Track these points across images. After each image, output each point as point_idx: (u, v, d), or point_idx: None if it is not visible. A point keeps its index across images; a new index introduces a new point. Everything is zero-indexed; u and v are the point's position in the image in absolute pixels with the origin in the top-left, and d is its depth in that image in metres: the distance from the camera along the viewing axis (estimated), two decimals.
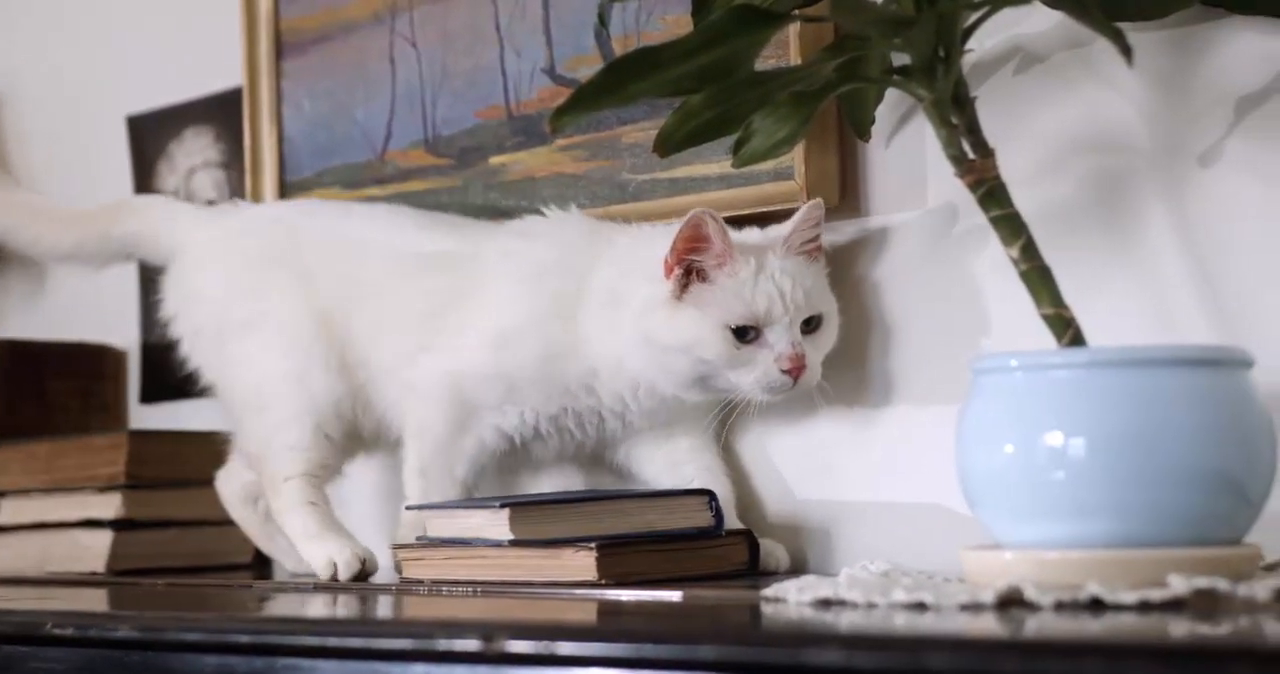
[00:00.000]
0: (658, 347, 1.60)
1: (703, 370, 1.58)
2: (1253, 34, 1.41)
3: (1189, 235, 1.45)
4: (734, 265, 1.57)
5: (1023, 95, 1.53)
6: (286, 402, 1.80)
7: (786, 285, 1.57)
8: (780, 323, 1.56)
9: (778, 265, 1.58)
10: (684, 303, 1.58)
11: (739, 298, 1.56)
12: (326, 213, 1.93)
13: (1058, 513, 1.23)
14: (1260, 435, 1.24)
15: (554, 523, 1.60)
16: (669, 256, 1.57)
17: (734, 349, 1.57)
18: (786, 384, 1.56)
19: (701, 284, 1.57)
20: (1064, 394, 1.24)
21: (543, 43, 1.88)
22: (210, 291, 1.88)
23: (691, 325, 1.57)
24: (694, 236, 1.56)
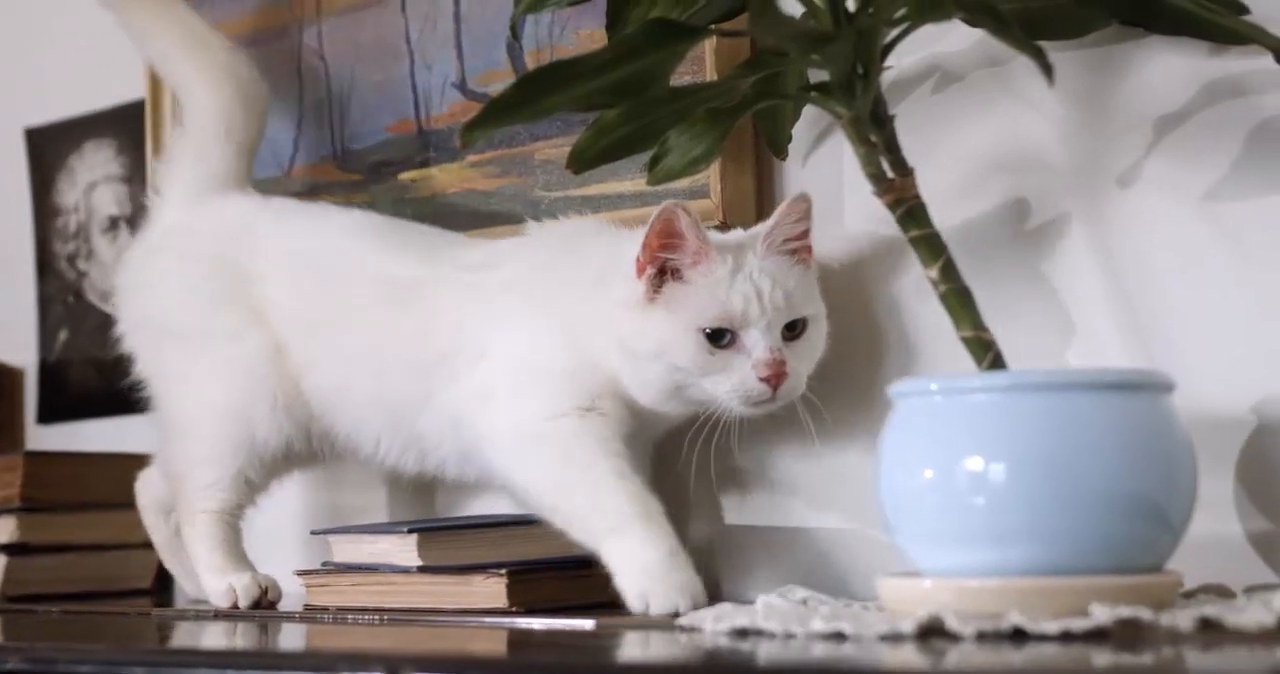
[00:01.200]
0: (629, 353, 1.48)
1: (677, 379, 1.46)
2: (1171, 54, 1.40)
3: (1108, 256, 1.43)
4: (710, 264, 1.45)
5: (941, 114, 1.52)
6: (217, 441, 1.71)
7: (765, 285, 1.45)
8: (758, 326, 1.44)
9: (756, 264, 1.46)
10: (656, 304, 1.46)
11: (713, 298, 1.44)
12: (298, 219, 1.80)
13: (978, 539, 1.21)
14: (1181, 460, 1.22)
15: (463, 548, 1.57)
16: (640, 254, 1.46)
17: (707, 354, 1.45)
18: (765, 394, 1.44)
19: (676, 284, 1.46)
20: (984, 418, 1.22)
21: (454, 56, 1.85)
22: (161, 288, 1.79)
23: (662, 328, 1.46)
24: (666, 231, 1.45)
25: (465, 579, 1.53)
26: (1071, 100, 1.45)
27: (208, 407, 1.72)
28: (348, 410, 1.68)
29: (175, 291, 1.77)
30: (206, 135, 1.85)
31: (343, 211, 1.80)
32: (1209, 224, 1.39)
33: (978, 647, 1.10)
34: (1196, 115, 1.39)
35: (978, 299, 1.30)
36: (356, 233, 1.73)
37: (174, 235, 1.81)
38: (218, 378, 1.72)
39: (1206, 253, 1.39)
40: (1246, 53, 1.35)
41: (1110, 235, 1.43)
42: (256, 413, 1.70)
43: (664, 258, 1.45)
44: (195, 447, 1.73)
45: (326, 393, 1.69)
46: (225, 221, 1.80)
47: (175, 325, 1.76)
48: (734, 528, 1.65)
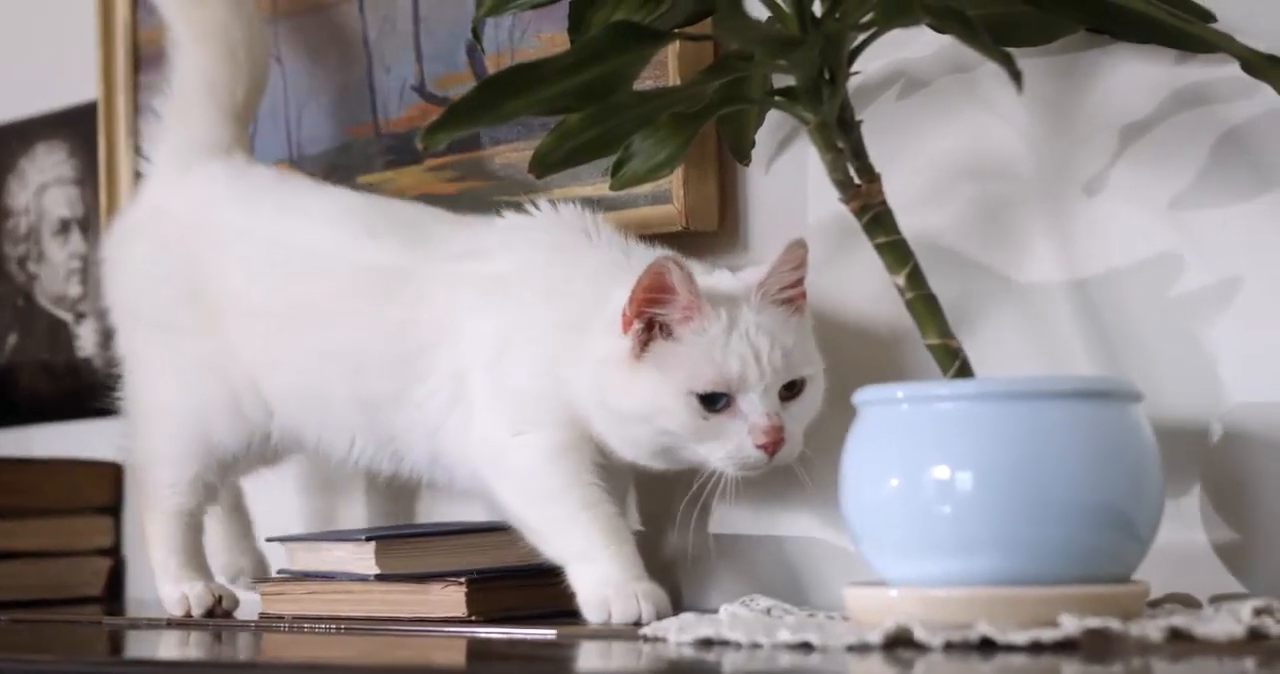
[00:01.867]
0: (614, 413, 1.40)
1: (665, 442, 1.39)
2: (1137, 61, 1.40)
3: (1075, 264, 1.43)
4: (702, 320, 1.36)
5: (906, 120, 1.51)
6: (175, 441, 1.67)
7: (763, 345, 1.36)
8: (755, 389, 1.36)
9: (753, 320, 1.37)
10: (644, 363, 1.38)
11: (708, 359, 1.36)
12: (270, 201, 1.68)
13: (944, 549, 1.20)
14: (1148, 469, 1.22)
15: (422, 557, 1.55)
16: (627, 308, 1.38)
17: (701, 419, 1.36)
18: (761, 461, 1.36)
19: (665, 341, 1.37)
20: (950, 427, 1.21)
21: (413, 59, 1.83)
22: (132, 275, 1.73)
23: (652, 390, 1.37)
24: (655, 286, 1.36)
25: (423, 588, 1.51)
26: (1038, 107, 1.44)
27: (166, 405, 1.68)
28: (317, 411, 1.61)
29: (143, 280, 1.72)
30: (189, 97, 1.77)
31: (320, 193, 1.70)
32: (1175, 232, 1.38)
33: (945, 657, 1.09)
34: (1163, 123, 1.39)
35: (944, 306, 1.30)
36: (333, 217, 1.64)
37: (150, 218, 1.74)
38: (178, 375, 1.67)
39: (1173, 261, 1.38)
40: (1213, 61, 1.34)
41: (1076, 243, 1.43)
42: (214, 415, 1.65)
43: (652, 313, 1.37)
44: (156, 443, 1.69)
45: (294, 393, 1.62)
46: (196, 201, 1.70)
47: (143, 314, 1.72)
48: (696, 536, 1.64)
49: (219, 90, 1.76)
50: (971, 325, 1.41)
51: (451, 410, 1.52)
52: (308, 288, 1.61)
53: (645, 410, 1.38)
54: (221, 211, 1.69)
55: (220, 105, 1.75)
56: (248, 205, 1.69)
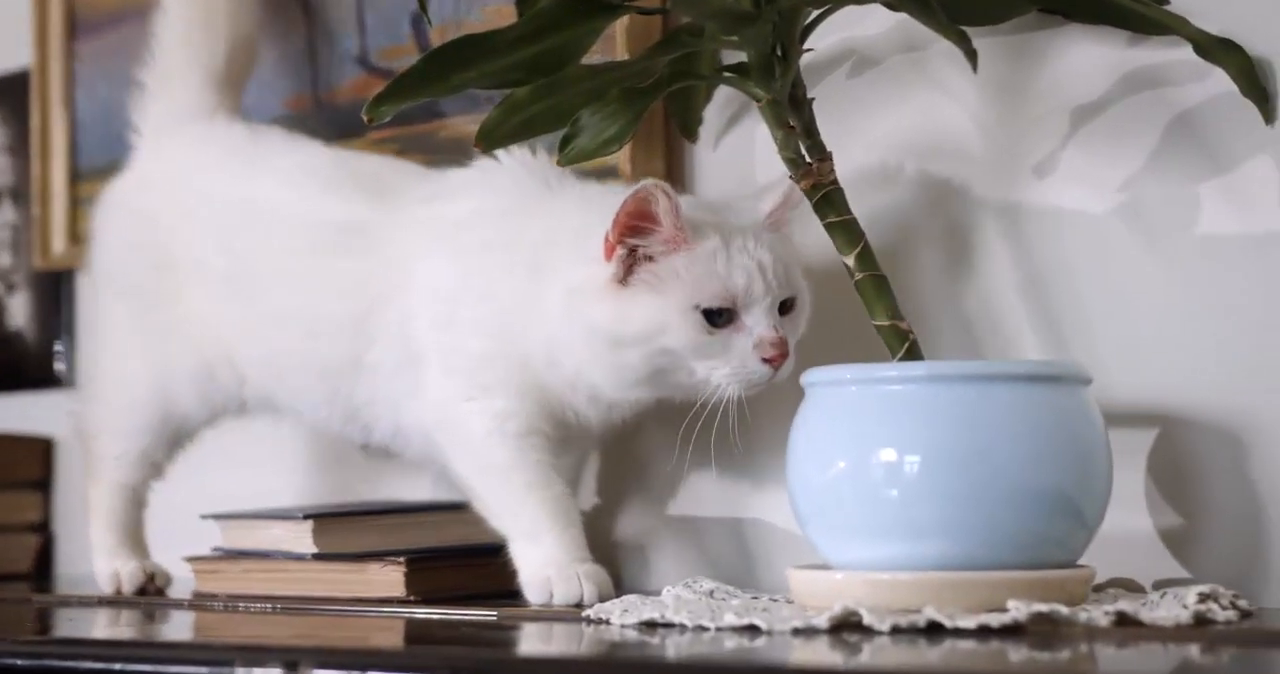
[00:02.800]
0: (603, 339, 1.34)
1: (661, 363, 1.34)
2: (1090, 42, 1.39)
3: (1024, 246, 1.42)
4: (691, 247, 1.32)
5: (857, 99, 1.49)
6: (130, 413, 1.65)
7: (767, 259, 1.33)
8: (761, 303, 1.33)
9: (754, 237, 1.34)
10: (635, 285, 1.33)
11: (711, 274, 1.32)
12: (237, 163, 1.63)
13: (891, 532, 1.19)
14: (1097, 454, 1.21)
15: (360, 535, 1.53)
16: (610, 233, 1.33)
17: (705, 335, 1.32)
18: (766, 375, 1.32)
19: (650, 264, 1.33)
20: (899, 409, 1.20)
21: (355, 31, 1.80)
22: (113, 240, 1.70)
23: (650, 310, 1.32)
24: (639, 213, 1.32)
25: (361, 567, 1.49)
26: (989, 88, 1.43)
27: (127, 376, 1.65)
28: (283, 379, 1.56)
29: (121, 250, 1.67)
30: (169, 63, 1.72)
31: (289, 150, 1.63)
32: (1124, 215, 1.38)
33: (892, 641, 1.08)
34: (1115, 105, 1.38)
35: (894, 288, 1.28)
36: (293, 174, 1.58)
37: (133, 187, 1.69)
38: (145, 347, 1.64)
39: (1122, 244, 1.38)
40: (1166, 43, 1.34)
41: (1026, 225, 1.42)
42: (182, 387, 1.62)
43: (634, 243, 1.33)
44: (110, 414, 1.67)
45: (261, 361, 1.57)
46: (168, 168, 1.67)
47: (116, 283, 1.68)
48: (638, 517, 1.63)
49: (199, 55, 1.71)
50: (921, 307, 1.40)
51: (403, 372, 1.47)
52: (266, 247, 1.56)
53: (644, 330, 1.33)
54: (189, 177, 1.64)
55: (202, 70, 1.71)
56: (214, 169, 1.64)
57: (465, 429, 1.44)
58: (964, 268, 1.45)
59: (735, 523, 1.56)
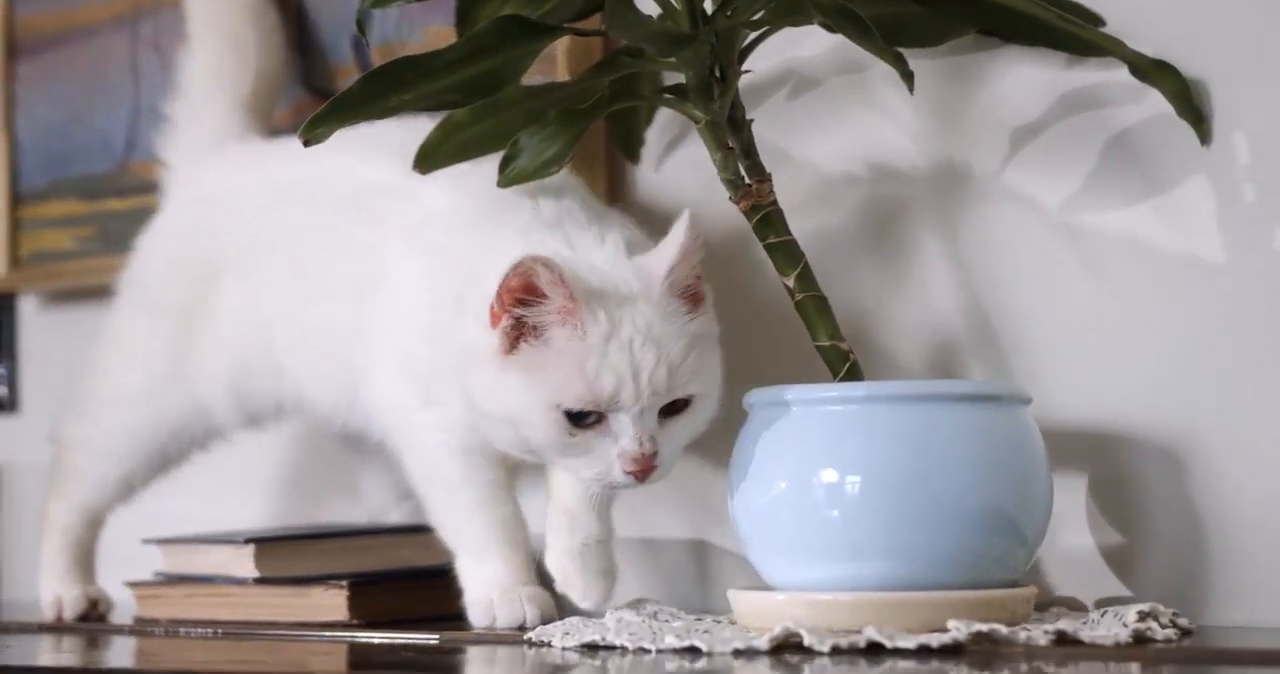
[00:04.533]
0: (476, 410, 1.29)
1: (531, 449, 1.28)
2: (1027, 64, 1.39)
3: (964, 267, 1.42)
4: (578, 325, 1.22)
5: (797, 121, 1.50)
6: (123, 434, 1.62)
7: (646, 359, 1.22)
8: (629, 411, 1.23)
9: (640, 326, 1.23)
10: (511, 363, 1.24)
11: (579, 372, 1.22)
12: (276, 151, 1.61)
13: (832, 553, 1.19)
14: (1037, 473, 1.22)
15: (303, 559, 1.52)
16: (494, 303, 1.24)
17: (567, 435, 1.23)
18: (630, 484, 1.25)
19: (535, 342, 1.24)
20: (839, 430, 1.20)
21: (296, 52, 1.79)
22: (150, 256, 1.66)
23: (516, 397, 1.24)
24: (522, 287, 1.23)
25: (304, 591, 1.48)
26: (928, 109, 1.44)
27: (128, 398, 1.62)
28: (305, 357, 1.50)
29: (159, 269, 1.63)
30: (198, 93, 1.71)
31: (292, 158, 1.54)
32: (1063, 235, 1.38)
33: (833, 662, 1.08)
34: (1053, 126, 1.39)
35: (835, 308, 1.29)
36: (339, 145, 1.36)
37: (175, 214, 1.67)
38: (164, 366, 1.59)
39: (1060, 264, 1.38)
40: (1103, 65, 1.35)
41: (966, 246, 1.42)
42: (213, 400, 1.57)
43: (521, 314, 1.24)
44: (99, 433, 1.64)
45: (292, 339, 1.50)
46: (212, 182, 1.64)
47: (149, 299, 1.63)
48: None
49: (230, 85, 1.70)
50: (862, 328, 1.40)
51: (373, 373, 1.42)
52: (306, 217, 1.51)
53: (507, 416, 1.25)
54: (233, 177, 1.62)
55: (232, 99, 1.70)
56: (257, 161, 1.62)
57: (417, 438, 1.40)
58: (905, 288, 1.45)
59: (686, 544, 1.56)
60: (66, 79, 1.98)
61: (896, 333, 1.44)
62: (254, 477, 1.86)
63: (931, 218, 1.44)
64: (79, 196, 1.96)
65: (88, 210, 1.95)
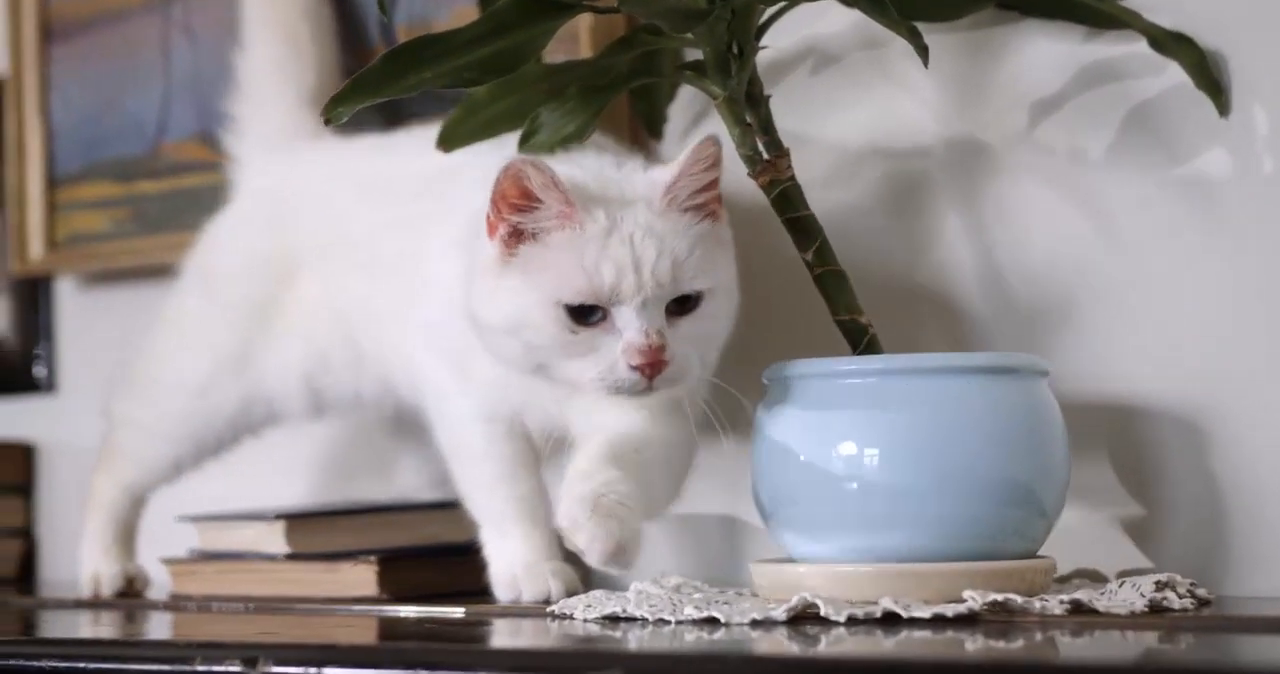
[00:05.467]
0: (480, 324, 1.26)
1: (537, 358, 1.24)
2: (1046, 37, 1.40)
3: (984, 241, 1.43)
4: (577, 225, 1.21)
5: (818, 96, 1.50)
6: (181, 418, 1.62)
7: (647, 252, 1.20)
8: (631, 303, 1.20)
9: (642, 223, 1.21)
10: (511, 268, 1.23)
11: (578, 266, 1.20)
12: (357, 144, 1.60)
13: (850, 525, 1.20)
14: (1055, 446, 1.22)
15: (332, 535, 1.54)
16: (490, 211, 1.23)
17: (569, 333, 1.21)
18: (637, 384, 1.20)
19: (533, 245, 1.23)
20: (858, 403, 1.21)
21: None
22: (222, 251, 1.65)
23: (516, 300, 1.22)
24: (515, 191, 1.22)
25: (334, 566, 1.50)
26: (948, 83, 1.44)
27: (189, 383, 1.61)
28: (381, 339, 1.50)
29: (235, 265, 1.63)
30: (261, 93, 1.71)
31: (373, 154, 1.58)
32: (1084, 208, 1.38)
33: (849, 632, 1.09)
34: (1072, 99, 1.39)
35: (854, 283, 1.29)
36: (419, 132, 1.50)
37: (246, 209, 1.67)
38: (232, 358, 1.60)
39: (1081, 237, 1.38)
40: (1121, 37, 1.35)
41: (986, 219, 1.43)
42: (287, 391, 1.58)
43: (516, 220, 1.23)
44: (155, 416, 1.64)
45: (372, 325, 1.51)
46: (289, 176, 1.64)
47: (222, 295, 1.62)
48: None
49: (291, 80, 1.70)
50: (882, 302, 1.41)
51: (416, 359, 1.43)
52: (384, 205, 1.51)
53: (509, 322, 1.23)
54: (313, 171, 1.62)
55: (295, 94, 1.70)
56: (337, 154, 1.62)
57: (447, 409, 1.41)
58: (924, 261, 1.45)
59: (716, 519, 1.57)
60: (99, 63, 2.00)
61: (917, 306, 1.45)
62: (291, 459, 1.88)
63: (951, 192, 1.44)
64: (113, 179, 1.98)
65: (122, 192, 1.97)
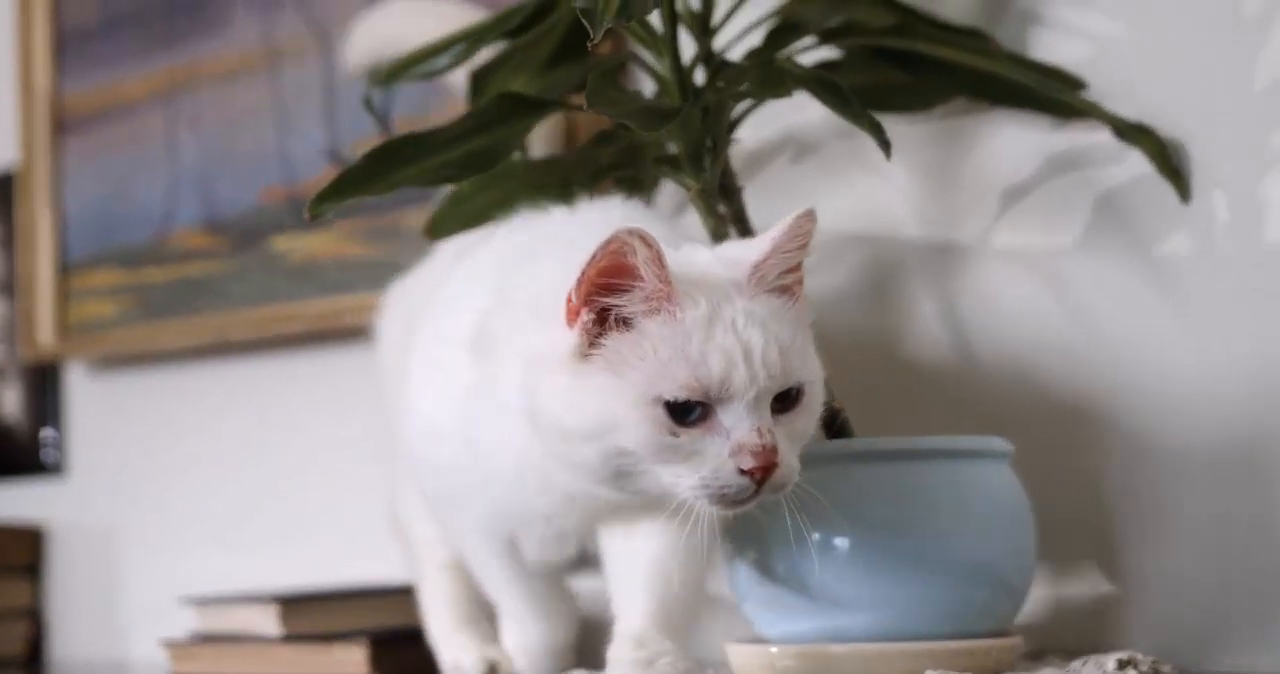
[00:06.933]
0: (551, 429, 1.09)
1: (621, 465, 1.08)
2: (1016, 128, 1.43)
3: (959, 325, 1.46)
4: (675, 309, 1.06)
5: (796, 185, 1.54)
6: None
7: (755, 339, 1.06)
8: (742, 398, 1.06)
9: (742, 309, 1.07)
10: (593, 364, 1.07)
11: (681, 356, 1.05)
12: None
13: (821, 606, 1.22)
14: (1019, 525, 1.25)
15: (327, 617, 1.57)
16: (574, 293, 1.07)
17: (668, 435, 1.05)
18: (745, 491, 1.06)
19: (623, 335, 1.07)
20: (828, 487, 1.23)
21: (323, 124, 1.86)
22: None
23: (604, 398, 1.06)
24: (613, 269, 1.06)
25: (327, 648, 1.53)
26: (922, 172, 1.48)
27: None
28: None
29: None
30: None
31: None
32: (1052, 292, 1.42)
33: None
34: (1041, 186, 1.43)
35: (830, 364, 1.32)
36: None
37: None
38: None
39: (1051, 320, 1.42)
40: (1088, 127, 1.38)
41: (960, 305, 1.46)
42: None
43: (607, 303, 1.07)
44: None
45: None
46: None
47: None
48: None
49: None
50: (855, 386, 1.44)
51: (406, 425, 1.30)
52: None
53: (594, 425, 1.06)
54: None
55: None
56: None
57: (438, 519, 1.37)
58: (900, 345, 1.49)
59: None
60: (110, 153, 2.06)
61: (892, 388, 1.48)
62: (289, 533, 1.91)
63: (926, 277, 1.48)
64: (121, 266, 2.03)
65: (129, 280, 2.02)
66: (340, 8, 1.85)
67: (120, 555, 2.07)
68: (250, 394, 1.98)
